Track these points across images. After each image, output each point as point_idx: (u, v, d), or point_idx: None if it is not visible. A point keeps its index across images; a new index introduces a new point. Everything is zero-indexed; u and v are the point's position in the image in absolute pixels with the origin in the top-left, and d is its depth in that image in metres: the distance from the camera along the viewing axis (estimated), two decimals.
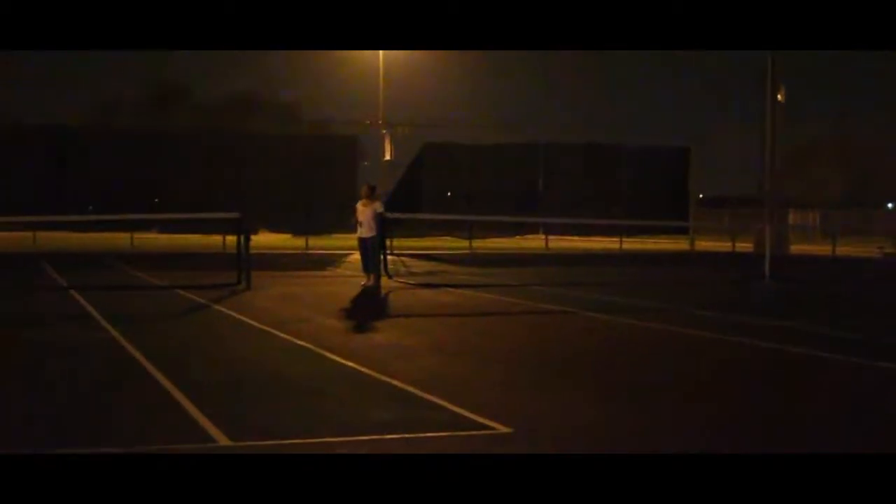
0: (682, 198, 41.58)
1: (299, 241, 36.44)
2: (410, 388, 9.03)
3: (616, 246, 41.67)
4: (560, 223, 39.55)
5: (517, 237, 43.11)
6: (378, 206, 20.60)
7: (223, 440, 6.98)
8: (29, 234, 35.77)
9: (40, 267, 24.90)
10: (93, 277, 21.89)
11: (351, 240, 23.75)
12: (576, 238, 44.51)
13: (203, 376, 9.71)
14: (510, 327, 14.75)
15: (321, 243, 36.18)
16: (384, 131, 40.01)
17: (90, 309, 15.46)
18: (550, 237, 43.01)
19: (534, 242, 44.01)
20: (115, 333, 12.58)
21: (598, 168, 40.66)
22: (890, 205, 73.96)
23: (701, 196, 52.67)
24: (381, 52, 46.41)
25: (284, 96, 73.86)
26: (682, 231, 43.39)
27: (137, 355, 10.80)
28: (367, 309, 17.00)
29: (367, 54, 50.54)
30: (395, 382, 9.32)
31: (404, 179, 39.38)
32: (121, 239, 35.71)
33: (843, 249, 39.60)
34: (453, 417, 7.89)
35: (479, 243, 38.79)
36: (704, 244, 44.50)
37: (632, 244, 42.97)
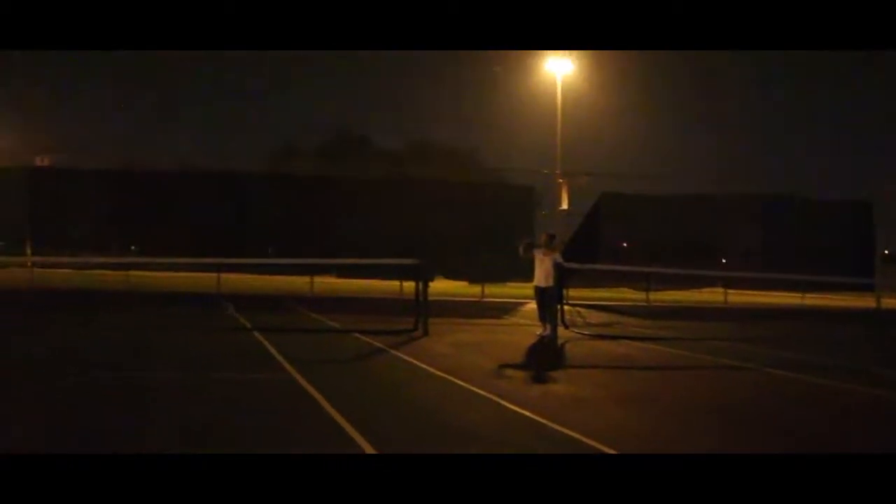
0: (866, 253, 40.26)
1: (475, 289, 36.58)
2: (588, 440, 8.89)
3: (798, 301, 40.54)
4: (740, 276, 38.73)
5: (694, 290, 42.30)
6: (557, 256, 20.48)
7: None
8: (213, 275, 36.83)
9: (224, 307, 25.62)
10: (274, 319, 22.40)
11: (527, 289, 23.68)
12: (756, 292, 43.48)
13: (381, 419, 9.75)
14: (689, 382, 14.42)
15: (497, 291, 36.25)
16: (561, 180, 39.81)
17: (271, 350, 15.80)
18: (730, 291, 42.10)
19: (712, 296, 43.11)
20: (295, 375, 12.80)
21: (779, 221, 39.75)
22: None
23: (886, 252, 50.79)
24: (559, 100, 46.38)
25: (461, 144, 74.69)
26: (867, 288, 41.91)
27: (317, 396, 10.95)
28: (543, 358, 16.88)
29: (544, 105, 50.58)
30: (573, 434, 9.19)
31: (581, 229, 39.20)
32: (300, 282, 36.47)
33: None
34: None
35: (655, 295, 38.26)
36: (892, 302, 42.85)
37: (814, 300, 41.72)
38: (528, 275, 21.58)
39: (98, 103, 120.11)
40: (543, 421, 9.83)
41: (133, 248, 35.69)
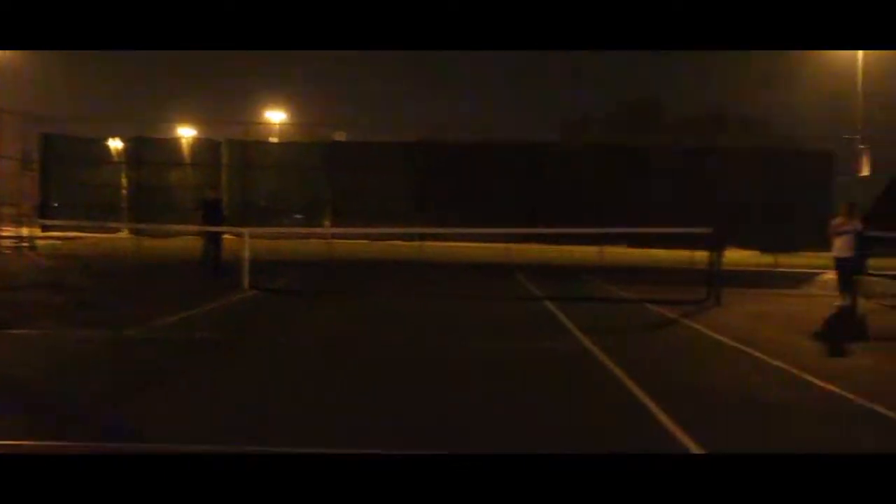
0: None
1: (767, 258, 35.53)
2: None
3: None
4: None
5: None
6: (857, 225, 19.58)
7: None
8: (504, 245, 37.28)
9: (515, 277, 25.94)
10: (564, 288, 22.50)
11: (823, 258, 22.80)
12: None
13: (675, 389, 9.67)
14: None
15: (791, 261, 35.09)
16: (862, 146, 38.02)
17: (563, 319, 15.89)
18: None
19: None
20: (587, 343, 12.84)
21: None
22: None
23: None
24: (859, 62, 44.34)
25: (753, 112, 72.63)
26: None
27: (609, 364, 10.95)
28: (843, 331, 16.22)
29: (840, 66, 48.44)
30: (880, 409, 8.82)
31: (884, 196, 37.28)
32: (590, 251, 36.44)
33: None
34: None
35: None
36: None
37: None
38: (822, 244, 20.79)
39: (388, 82, 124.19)
40: (855, 398, 9.45)
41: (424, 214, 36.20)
